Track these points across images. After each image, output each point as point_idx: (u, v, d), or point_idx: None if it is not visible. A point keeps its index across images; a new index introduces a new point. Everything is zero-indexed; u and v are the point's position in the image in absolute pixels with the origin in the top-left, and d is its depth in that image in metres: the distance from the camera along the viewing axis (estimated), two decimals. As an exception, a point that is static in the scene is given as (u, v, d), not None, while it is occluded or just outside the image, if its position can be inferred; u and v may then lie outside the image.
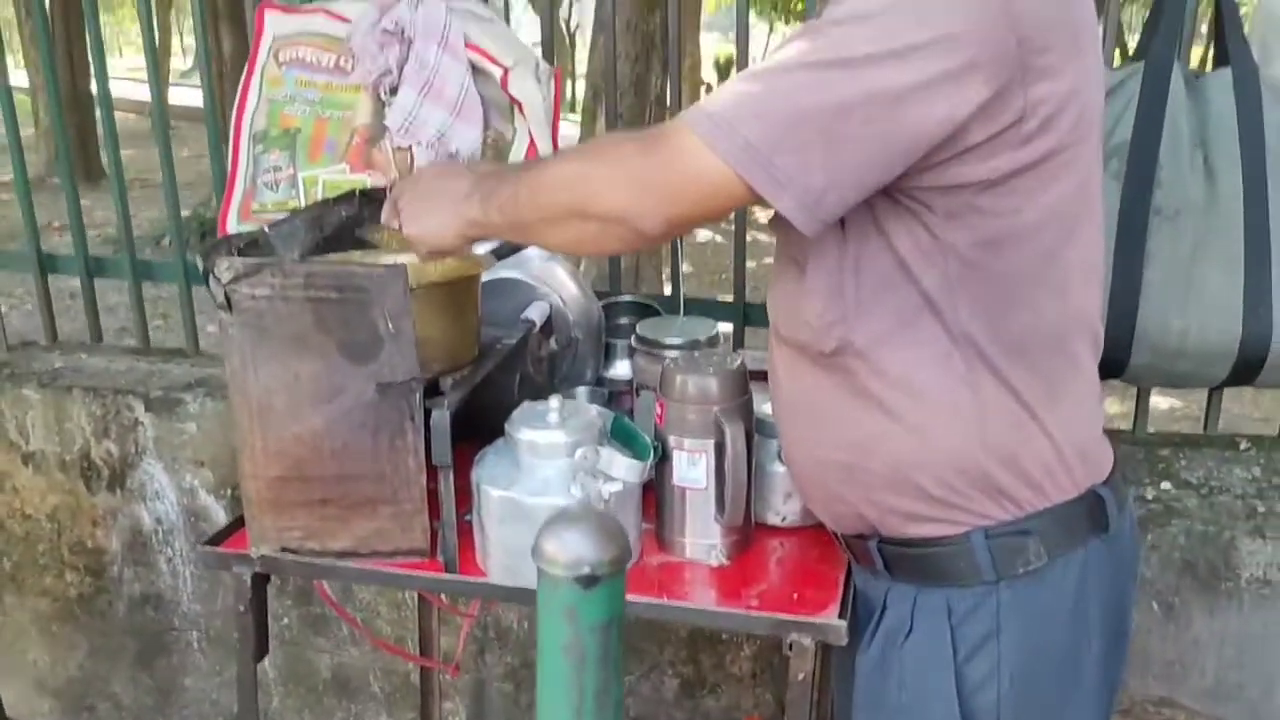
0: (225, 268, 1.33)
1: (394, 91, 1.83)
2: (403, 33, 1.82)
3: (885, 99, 0.92)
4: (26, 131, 3.34)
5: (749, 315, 2.14)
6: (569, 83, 18.09)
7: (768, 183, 0.95)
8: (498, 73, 1.82)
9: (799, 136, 0.93)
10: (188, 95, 13.04)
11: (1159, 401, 4.28)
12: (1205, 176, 1.64)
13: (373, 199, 1.54)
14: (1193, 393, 2.61)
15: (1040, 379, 1.10)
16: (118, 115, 2.49)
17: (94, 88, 2.33)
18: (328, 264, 1.43)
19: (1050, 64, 0.96)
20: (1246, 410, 4.80)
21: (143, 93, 2.76)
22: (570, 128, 6.28)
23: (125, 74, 19.76)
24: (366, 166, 1.86)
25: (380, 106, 1.86)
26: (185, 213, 6.09)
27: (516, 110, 1.85)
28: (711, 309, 2.20)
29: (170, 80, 13.95)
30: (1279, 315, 1.62)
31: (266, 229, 1.52)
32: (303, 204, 1.86)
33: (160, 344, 2.68)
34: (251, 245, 1.46)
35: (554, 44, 2.18)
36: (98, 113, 2.53)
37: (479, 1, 1.94)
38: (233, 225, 1.91)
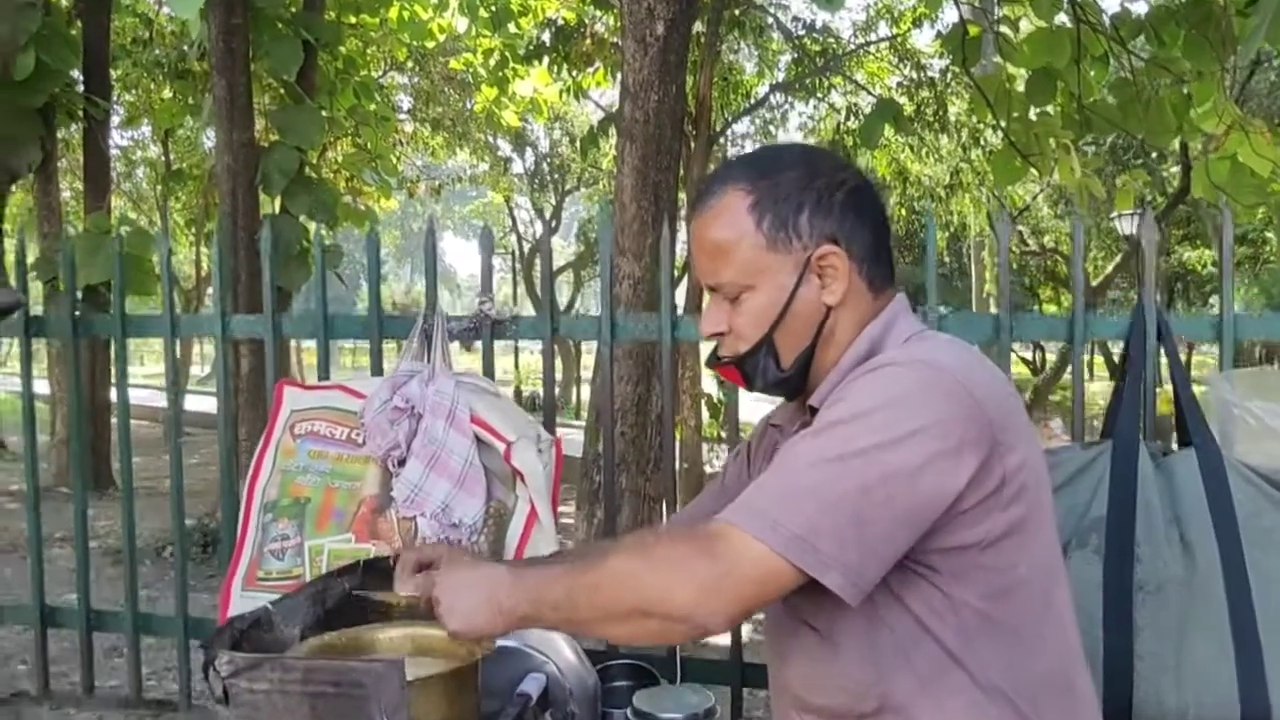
0: (225, 661, 1.35)
1: (402, 464, 1.91)
2: (413, 409, 1.93)
3: (899, 478, 1.05)
4: (41, 437, 3.40)
5: (746, 676, 2.13)
6: (574, 389, 18.67)
7: (816, 564, 1.04)
8: (501, 447, 1.91)
9: (833, 521, 1.05)
10: (203, 402, 13.38)
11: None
12: (1183, 552, 1.69)
13: (376, 569, 1.58)
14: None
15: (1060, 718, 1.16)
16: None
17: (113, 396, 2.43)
18: (327, 659, 1.45)
19: (1012, 440, 1.11)
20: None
21: (158, 400, 2.89)
22: (575, 432, 6.37)
23: (144, 380, 20.35)
24: (372, 536, 1.91)
25: (388, 477, 1.94)
26: (190, 521, 6.11)
27: (518, 480, 1.93)
28: (708, 670, 2.19)
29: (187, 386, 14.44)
30: (1276, 694, 1.62)
31: (270, 606, 1.55)
32: (308, 572, 1.90)
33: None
34: (254, 625, 1.49)
35: (552, 357, 2.32)
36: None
37: (485, 378, 2.07)
38: (236, 592, 1.95)
